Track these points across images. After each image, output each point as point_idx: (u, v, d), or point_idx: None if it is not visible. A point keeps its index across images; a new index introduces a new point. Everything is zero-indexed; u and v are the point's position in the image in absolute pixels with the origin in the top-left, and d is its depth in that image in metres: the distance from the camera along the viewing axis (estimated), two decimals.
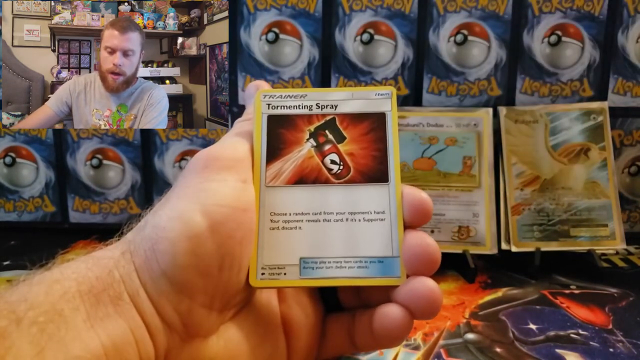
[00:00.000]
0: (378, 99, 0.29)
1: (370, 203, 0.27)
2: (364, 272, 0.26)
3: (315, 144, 0.28)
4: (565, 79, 0.61)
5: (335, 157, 0.28)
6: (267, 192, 0.27)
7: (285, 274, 0.26)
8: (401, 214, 0.27)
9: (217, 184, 0.25)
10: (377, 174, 0.28)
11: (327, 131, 0.29)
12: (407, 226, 0.27)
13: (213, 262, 0.24)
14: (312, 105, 0.29)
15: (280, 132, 0.29)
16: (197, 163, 0.26)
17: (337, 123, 0.29)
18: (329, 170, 0.28)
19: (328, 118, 0.29)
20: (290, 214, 0.27)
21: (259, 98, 0.29)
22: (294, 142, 0.28)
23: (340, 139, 0.28)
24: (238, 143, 0.28)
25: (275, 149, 0.28)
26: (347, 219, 0.27)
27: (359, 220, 0.27)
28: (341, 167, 0.28)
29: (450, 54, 0.61)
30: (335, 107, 0.29)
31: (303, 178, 0.28)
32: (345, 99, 0.29)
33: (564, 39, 0.60)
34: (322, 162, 0.28)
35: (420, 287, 0.25)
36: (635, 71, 0.60)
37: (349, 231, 0.27)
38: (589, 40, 0.60)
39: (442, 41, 0.61)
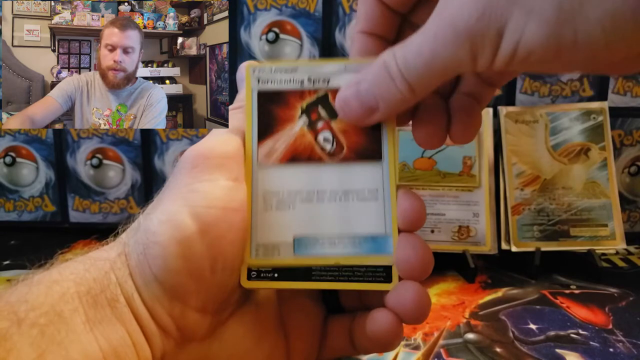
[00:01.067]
0: None
1: (364, 181, 0.27)
2: (357, 250, 0.26)
3: (307, 121, 0.28)
4: (565, 79, 0.61)
5: (328, 134, 0.27)
6: (259, 171, 0.27)
7: (279, 253, 0.26)
8: (395, 192, 0.27)
9: (207, 184, 0.24)
10: (370, 152, 0.27)
11: (319, 107, 0.28)
12: (401, 230, 0.27)
13: (204, 265, 0.24)
14: (303, 80, 0.28)
15: (271, 109, 0.28)
16: (186, 162, 0.25)
17: (330, 99, 0.28)
18: (322, 148, 0.27)
19: (320, 94, 0.28)
20: (283, 193, 0.27)
21: (249, 73, 0.28)
22: (286, 120, 0.28)
23: (333, 115, 0.27)
24: (229, 139, 0.27)
25: (267, 127, 0.27)
26: (340, 198, 0.27)
27: (352, 199, 0.27)
28: (334, 145, 0.27)
29: None
30: (328, 81, 0.28)
31: (296, 156, 0.27)
32: (338, 71, 0.28)
33: None
34: (315, 139, 0.27)
35: (408, 291, 0.25)
36: None
37: (342, 210, 0.27)
38: None
39: None
